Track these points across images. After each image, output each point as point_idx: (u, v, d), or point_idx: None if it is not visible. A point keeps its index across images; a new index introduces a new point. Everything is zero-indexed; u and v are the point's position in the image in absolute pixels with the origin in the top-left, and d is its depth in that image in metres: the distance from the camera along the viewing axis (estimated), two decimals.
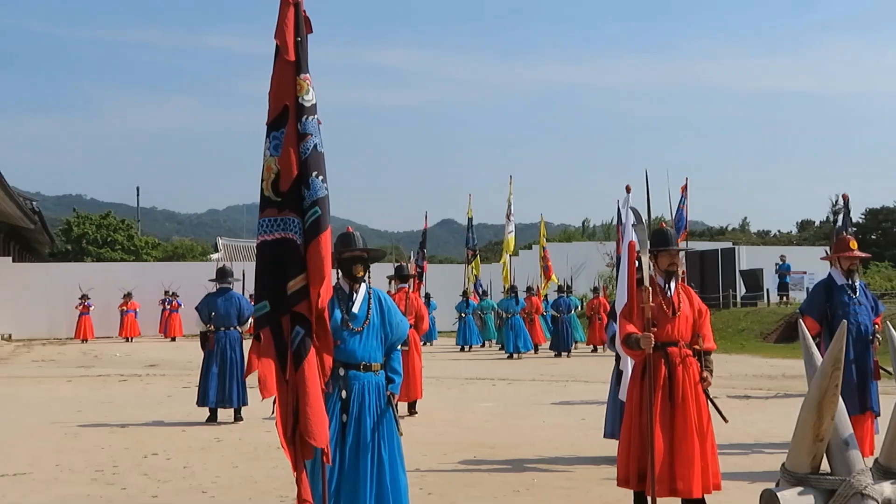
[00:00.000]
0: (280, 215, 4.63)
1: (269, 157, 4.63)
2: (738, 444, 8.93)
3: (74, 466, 8.24)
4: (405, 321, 5.96)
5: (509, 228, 26.80)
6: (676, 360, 6.25)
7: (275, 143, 4.63)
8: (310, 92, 4.66)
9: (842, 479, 2.79)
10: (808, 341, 3.09)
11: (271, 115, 4.66)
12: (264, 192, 4.65)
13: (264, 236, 4.65)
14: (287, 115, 4.65)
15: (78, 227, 54.21)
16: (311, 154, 4.62)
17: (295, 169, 4.59)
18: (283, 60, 4.69)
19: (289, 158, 4.60)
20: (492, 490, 7.16)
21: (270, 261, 4.63)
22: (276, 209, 4.62)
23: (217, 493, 7.06)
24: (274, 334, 4.58)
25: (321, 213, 4.59)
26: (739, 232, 72.92)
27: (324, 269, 4.60)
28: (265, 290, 4.63)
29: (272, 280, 4.62)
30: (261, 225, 4.67)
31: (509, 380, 16.56)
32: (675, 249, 6.47)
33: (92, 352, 25.50)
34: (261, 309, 4.61)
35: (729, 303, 29.41)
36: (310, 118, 4.65)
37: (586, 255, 38.01)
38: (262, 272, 4.66)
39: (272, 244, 4.62)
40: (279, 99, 4.65)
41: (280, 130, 4.65)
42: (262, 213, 4.67)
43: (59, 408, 12.56)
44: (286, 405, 4.57)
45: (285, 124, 4.65)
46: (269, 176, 4.63)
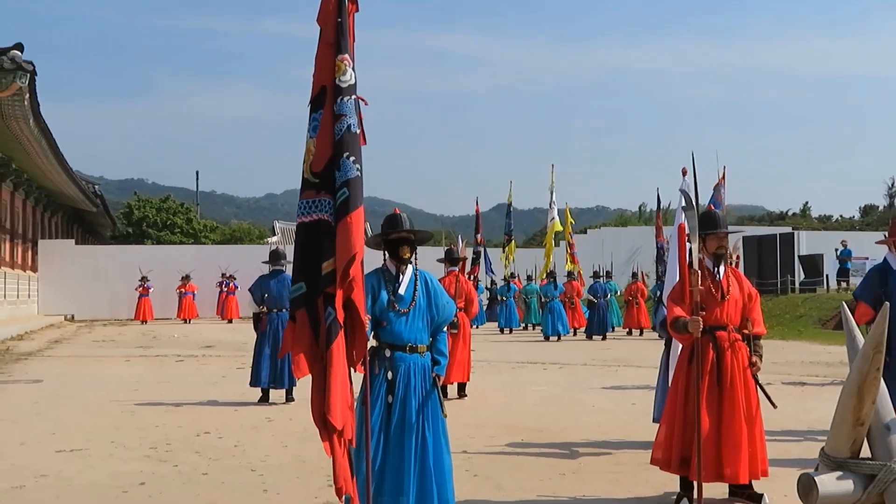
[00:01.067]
0: (318, 196, 4.66)
1: (309, 139, 4.66)
2: (790, 431, 8.79)
3: (129, 443, 8.43)
4: (452, 303, 5.97)
5: (552, 215, 26.95)
6: (725, 344, 6.18)
7: (313, 124, 4.66)
8: (347, 72, 4.67)
9: (882, 464, 2.74)
10: (850, 324, 3.03)
11: (312, 97, 4.70)
12: (304, 174, 4.69)
13: (302, 218, 4.68)
14: (325, 97, 4.67)
15: (139, 210, 55.33)
16: (343, 135, 4.63)
17: (329, 150, 4.62)
18: (323, 41, 4.72)
19: (324, 140, 4.63)
20: (537, 473, 7.15)
21: (307, 242, 4.67)
22: (314, 191, 4.65)
23: (265, 472, 7.17)
24: (310, 315, 4.62)
25: (349, 195, 4.59)
26: (800, 217, 71.55)
27: (351, 249, 4.59)
28: (301, 271, 4.67)
29: (309, 261, 4.65)
30: (300, 206, 4.71)
31: (560, 364, 16.50)
32: (724, 232, 6.37)
33: (151, 333, 26.02)
34: (297, 290, 4.65)
35: (787, 288, 28.94)
36: (346, 99, 4.66)
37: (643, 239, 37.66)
38: (300, 254, 4.70)
39: (308, 226, 4.65)
40: (318, 80, 4.68)
41: (319, 112, 4.67)
42: (302, 194, 4.71)
43: (118, 386, 12.85)
44: (321, 385, 4.61)
45: (323, 105, 4.67)
46: (308, 158, 4.67)
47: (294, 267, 4.78)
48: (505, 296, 27.26)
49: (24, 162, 27.61)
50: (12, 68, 19.25)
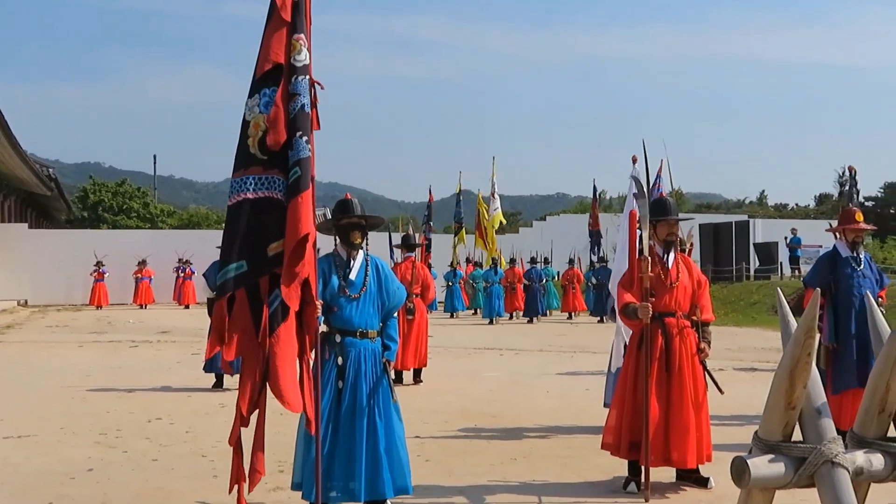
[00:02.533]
0: (266, 174, 4.61)
1: (259, 115, 4.61)
2: (739, 416, 8.92)
3: (79, 430, 8.34)
4: (402, 288, 5.97)
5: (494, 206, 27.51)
6: (674, 330, 6.25)
7: (265, 100, 4.61)
8: (302, 52, 4.64)
9: (812, 447, 2.80)
10: (784, 309, 3.08)
11: (260, 71, 4.65)
12: (250, 149, 4.63)
13: (246, 194, 4.61)
14: (279, 74, 4.63)
15: (94, 194, 54.57)
16: (297, 114, 4.60)
17: (284, 128, 4.58)
18: (278, 18, 4.68)
19: (278, 117, 4.58)
20: (489, 458, 7.19)
21: (252, 220, 4.60)
22: (261, 167, 4.61)
23: (216, 458, 7.13)
24: (249, 296, 4.59)
25: (301, 174, 4.57)
26: (757, 205, 72.51)
27: (303, 229, 4.57)
28: (244, 249, 4.61)
29: (253, 240, 4.60)
30: (243, 182, 4.63)
31: (517, 350, 16.59)
32: (674, 219, 6.44)
33: (106, 318, 25.72)
34: (237, 268, 4.59)
35: (742, 276, 29.30)
36: (300, 78, 4.63)
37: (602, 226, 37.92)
38: (241, 231, 4.62)
39: (255, 203, 4.60)
40: (271, 56, 4.63)
41: (272, 88, 4.63)
42: (246, 170, 4.64)
43: (69, 373, 12.69)
44: (254, 368, 4.59)
45: (278, 83, 4.63)
46: (255, 133, 4.61)
47: (230, 244, 4.67)
48: (451, 281, 28.12)
49: None
50: None
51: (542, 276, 26.55)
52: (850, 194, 9.56)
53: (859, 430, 2.90)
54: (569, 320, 26.41)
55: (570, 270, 27.35)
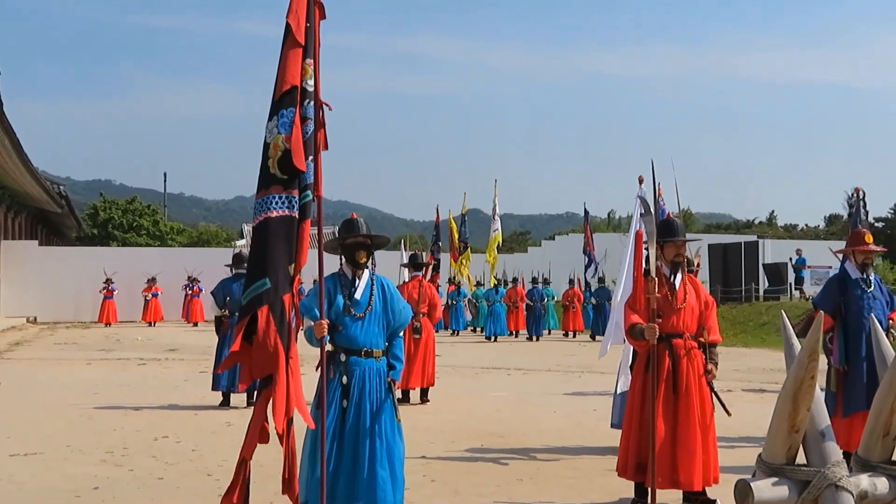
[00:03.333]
0: (286, 192, 4.66)
1: (277, 135, 4.65)
2: (747, 438, 8.87)
3: (85, 447, 8.34)
4: (408, 308, 5.97)
5: (495, 227, 29.10)
6: (681, 351, 6.23)
7: (283, 120, 4.66)
8: (311, 77, 4.71)
9: (816, 470, 2.78)
10: (788, 332, 3.07)
11: (278, 93, 4.70)
12: (270, 169, 4.68)
13: (268, 213, 4.66)
14: (296, 95, 4.68)
15: (104, 211, 54.77)
16: (307, 139, 4.66)
17: (302, 148, 4.65)
18: (293, 40, 4.73)
19: (298, 138, 4.65)
20: (495, 478, 7.17)
21: (277, 237, 4.64)
22: (281, 186, 4.65)
23: (222, 477, 7.11)
24: (274, 312, 4.61)
25: (309, 199, 4.63)
26: (766, 225, 72.25)
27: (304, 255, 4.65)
28: (267, 267, 4.64)
29: (277, 257, 4.63)
30: (266, 202, 4.69)
31: (525, 369, 16.55)
32: (682, 240, 6.43)
33: (114, 335, 25.77)
34: (259, 287, 4.62)
35: (752, 296, 29.18)
36: (309, 103, 4.70)
37: (611, 245, 37.88)
38: (268, 249, 4.66)
39: (278, 221, 4.64)
40: (288, 78, 4.68)
41: (290, 109, 4.67)
42: (267, 189, 4.70)
43: (77, 390, 12.71)
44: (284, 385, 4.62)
45: (295, 104, 4.68)
46: (275, 154, 4.65)
47: (256, 262, 4.72)
48: (455, 300, 28.77)
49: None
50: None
51: (543, 296, 27.57)
52: (858, 216, 9.52)
53: (864, 453, 2.88)
54: (566, 338, 27.15)
55: (569, 290, 28.17)
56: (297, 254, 4.62)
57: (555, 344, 24.72)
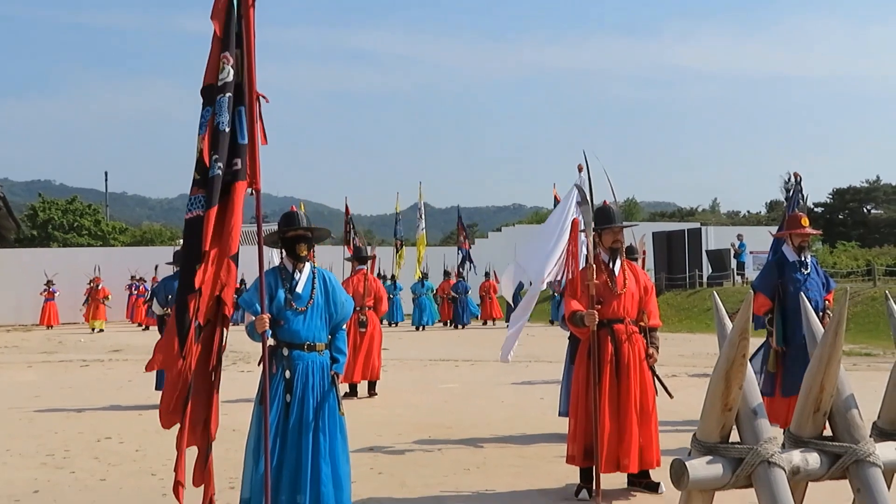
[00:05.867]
0: (198, 193, 4.62)
1: (198, 136, 4.62)
2: (691, 421, 8.88)
3: (25, 451, 8.18)
4: (350, 300, 5.94)
5: (421, 226, 30.65)
6: (622, 336, 6.29)
7: (201, 121, 4.63)
8: (225, 69, 4.64)
9: (749, 447, 2.83)
10: (720, 313, 3.12)
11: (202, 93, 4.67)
12: (195, 170, 4.65)
13: (188, 214, 4.65)
14: (213, 94, 4.63)
15: (43, 212, 53.64)
16: (214, 134, 4.61)
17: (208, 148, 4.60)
18: (215, 38, 4.68)
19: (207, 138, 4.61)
20: (442, 469, 7.18)
21: (191, 237, 4.62)
22: (196, 187, 4.62)
23: (166, 476, 7.01)
24: (178, 311, 4.59)
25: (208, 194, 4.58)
26: (709, 213, 73.37)
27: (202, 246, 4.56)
28: (183, 266, 4.63)
29: (186, 257, 4.61)
30: (190, 202, 4.68)
31: (472, 361, 16.60)
32: (619, 226, 6.49)
33: (56, 338, 25.28)
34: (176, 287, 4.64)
35: (696, 283, 29.60)
36: (220, 97, 4.63)
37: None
38: (185, 250, 4.67)
39: (192, 221, 4.61)
40: (206, 79, 4.65)
41: (207, 109, 4.63)
42: (192, 190, 4.68)
43: (17, 393, 12.45)
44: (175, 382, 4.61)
45: (211, 103, 4.64)
46: (197, 154, 4.63)
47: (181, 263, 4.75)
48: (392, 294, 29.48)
49: None
50: None
51: (467, 289, 29.68)
52: (796, 200, 9.69)
53: (795, 429, 2.94)
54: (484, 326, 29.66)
55: (486, 282, 30.66)
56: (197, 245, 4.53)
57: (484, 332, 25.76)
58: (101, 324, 28.54)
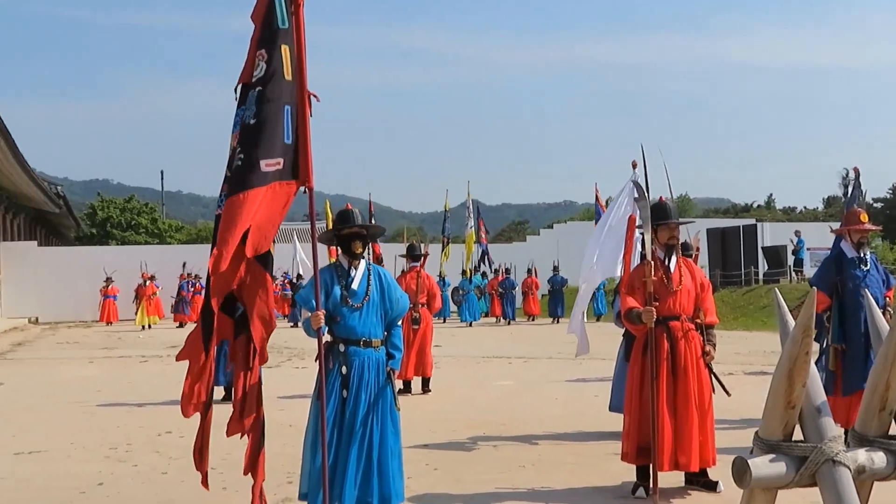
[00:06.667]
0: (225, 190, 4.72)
1: (231, 135, 4.71)
2: (748, 420, 8.89)
3: (88, 444, 8.37)
4: (405, 297, 5.98)
5: (470, 224, 30.97)
6: (678, 334, 6.25)
7: (236, 119, 4.71)
8: (259, 66, 4.70)
9: (813, 445, 2.80)
10: (782, 310, 3.08)
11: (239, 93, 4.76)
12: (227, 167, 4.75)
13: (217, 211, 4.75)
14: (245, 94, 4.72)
15: (102, 210, 54.75)
16: (240, 128, 4.67)
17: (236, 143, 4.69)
18: (254, 39, 4.76)
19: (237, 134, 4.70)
20: (497, 466, 7.19)
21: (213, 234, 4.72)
22: (226, 184, 4.70)
23: (225, 470, 7.14)
24: (204, 306, 4.70)
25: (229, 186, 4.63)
26: (765, 209, 72.32)
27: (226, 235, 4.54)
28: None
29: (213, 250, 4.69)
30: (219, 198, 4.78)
31: (526, 358, 16.58)
32: (675, 223, 6.44)
33: (115, 334, 25.79)
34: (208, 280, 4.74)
35: (751, 280, 29.20)
36: (251, 92, 4.70)
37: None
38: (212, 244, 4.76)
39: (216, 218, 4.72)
40: (241, 78, 4.74)
41: (241, 108, 4.72)
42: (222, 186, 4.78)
43: (79, 388, 12.74)
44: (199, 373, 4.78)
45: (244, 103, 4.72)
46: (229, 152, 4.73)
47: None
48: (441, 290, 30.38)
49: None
50: None
51: (513, 285, 30.32)
52: (854, 196, 9.51)
53: (861, 428, 2.90)
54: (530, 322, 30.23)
55: (528, 278, 31.25)
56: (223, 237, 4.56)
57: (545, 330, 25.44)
58: (153, 319, 29.02)
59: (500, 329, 27.81)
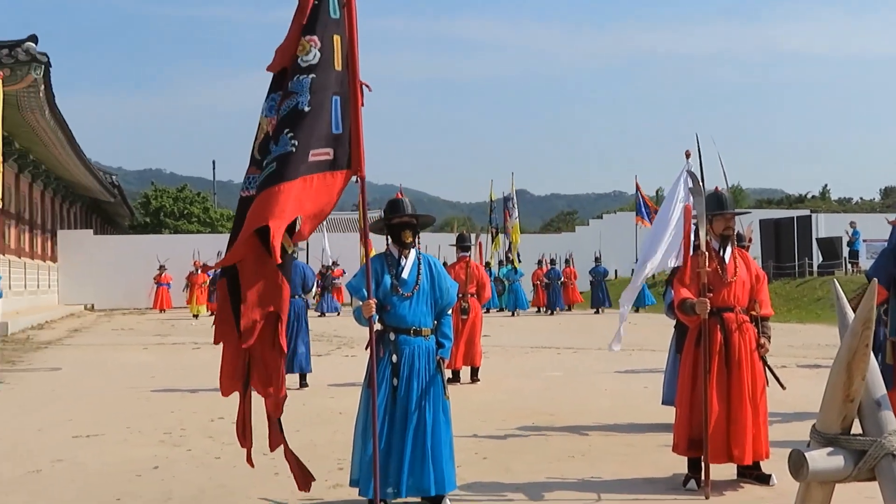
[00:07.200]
0: (255, 173, 4.72)
1: (264, 118, 4.72)
2: (801, 413, 8.77)
3: (144, 429, 8.53)
4: (455, 286, 6.00)
5: (514, 215, 31.04)
6: (733, 325, 6.17)
7: (270, 104, 4.71)
8: (311, 52, 4.69)
9: (873, 439, 2.75)
10: (841, 302, 3.03)
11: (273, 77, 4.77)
12: (253, 150, 4.75)
13: (243, 192, 4.76)
14: (282, 78, 4.72)
15: (156, 200, 55.58)
16: (289, 112, 4.64)
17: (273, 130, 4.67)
18: (297, 22, 4.75)
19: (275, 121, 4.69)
20: (547, 456, 7.18)
21: (239, 215, 4.73)
22: (255, 167, 4.72)
23: (277, 456, 7.15)
24: (230, 285, 4.71)
25: (276, 169, 4.61)
26: (819, 200, 71.05)
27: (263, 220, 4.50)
28: (231, 243, 4.75)
29: (235, 234, 4.70)
30: (244, 181, 4.79)
31: (574, 348, 16.52)
32: (730, 213, 6.36)
33: (169, 321, 26.21)
34: None
35: (805, 271, 28.74)
36: (302, 77, 4.67)
37: None
38: (235, 226, 4.77)
39: (244, 200, 4.72)
40: (281, 61, 4.73)
41: (277, 93, 4.72)
42: (248, 169, 4.79)
43: (134, 374, 12.99)
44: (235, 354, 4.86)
45: (281, 88, 4.72)
46: (260, 135, 4.73)
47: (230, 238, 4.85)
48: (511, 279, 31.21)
49: (42, 153, 27.82)
50: (27, 60, 19.39)
51: (559, 275, 31.10)
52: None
53: None
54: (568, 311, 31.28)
55: (567, 269, 31.93)
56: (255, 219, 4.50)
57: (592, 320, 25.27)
58: (202, 308, 29.42)
59: (546, 319, 27.80)
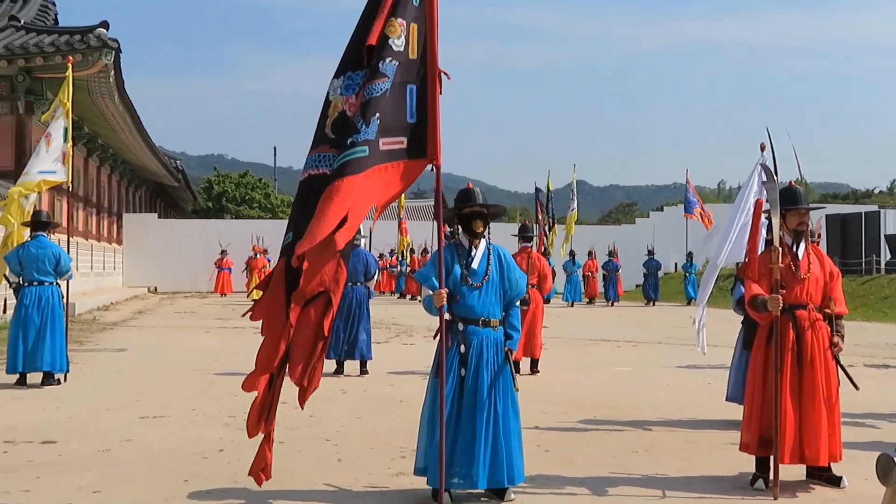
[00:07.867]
0: (329, 152, 4.68)
1: (339, 96, 4.67)
2: (871, 414, 8.58)
3: (209, 411, 8.65)
4: (524, 277, 5.96)
5: (572, 206, 31.26)
6: (805, 323, 6.03)
7: (348, 83, 4.67)
8: (401, 37, 4.66)
9: None
10: None
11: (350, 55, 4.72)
12: (325, 128, 4.71)
13: (311, 171, 4.70)
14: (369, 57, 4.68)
15: (218, 185, 56.38)
16: (380, 95, 4.61)
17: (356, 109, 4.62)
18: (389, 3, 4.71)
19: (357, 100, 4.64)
20: (609, 449, 7.12)
21: (308, 194, 4.66)
22: (328, 146, 4.68)
23: (339, 442, 7.29)
24: (287, 265, 4.67)
25: (367, 155, 4.57)
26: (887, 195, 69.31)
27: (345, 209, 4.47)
28: (295, 221, 4.70)
29: (303, 213, 4.64)
30: (311, 159, 4.73)
31: (635, 342, 16.37)
32: (805, 208, 6.21)
33: (230, 305, 26.56)
34: (286, 239, 4.70)
35: (872, 269, 28.08)
36: (391, 61, 4.64)
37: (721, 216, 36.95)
38: (299, 204, 4.71)
39: (314, 178, 4.67)
40: (363, 40, 4.68)
41: (358, 72, 4.68)
42: (315, 148, 4.74)
43: (198, 356, 13.19)
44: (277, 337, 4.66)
45: (364, 66, 4.68)
46: (333, 114, 4.69)
47: (291, 217, 4.79)
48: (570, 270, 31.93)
49: (110, 138, 28.39)
50: (98, 46, 19.78)
51: (617, 268, 31.49)
52: None
53: None
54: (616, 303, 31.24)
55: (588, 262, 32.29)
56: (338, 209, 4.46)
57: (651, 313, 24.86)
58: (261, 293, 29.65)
59: (605, 311, 27.60)
